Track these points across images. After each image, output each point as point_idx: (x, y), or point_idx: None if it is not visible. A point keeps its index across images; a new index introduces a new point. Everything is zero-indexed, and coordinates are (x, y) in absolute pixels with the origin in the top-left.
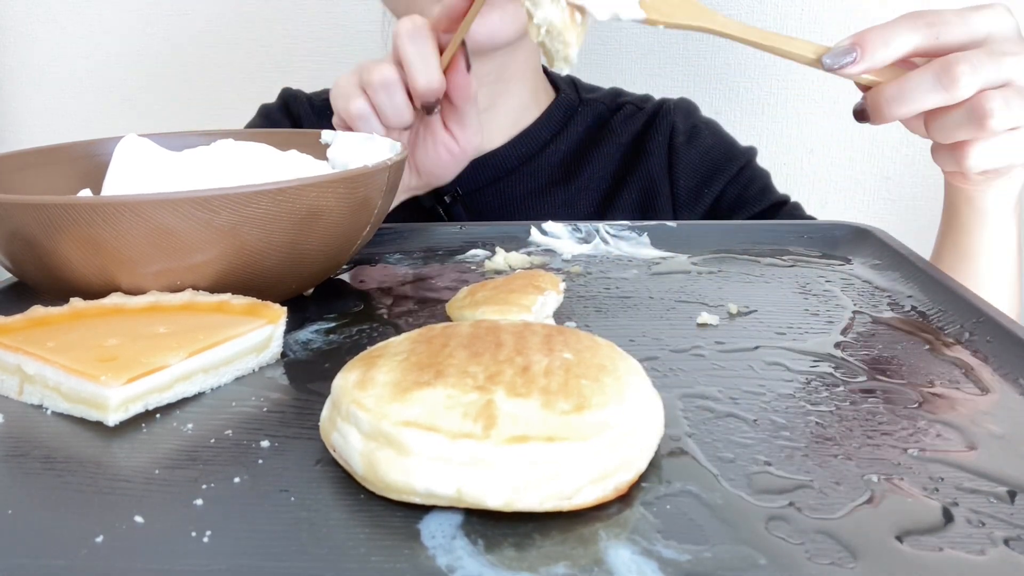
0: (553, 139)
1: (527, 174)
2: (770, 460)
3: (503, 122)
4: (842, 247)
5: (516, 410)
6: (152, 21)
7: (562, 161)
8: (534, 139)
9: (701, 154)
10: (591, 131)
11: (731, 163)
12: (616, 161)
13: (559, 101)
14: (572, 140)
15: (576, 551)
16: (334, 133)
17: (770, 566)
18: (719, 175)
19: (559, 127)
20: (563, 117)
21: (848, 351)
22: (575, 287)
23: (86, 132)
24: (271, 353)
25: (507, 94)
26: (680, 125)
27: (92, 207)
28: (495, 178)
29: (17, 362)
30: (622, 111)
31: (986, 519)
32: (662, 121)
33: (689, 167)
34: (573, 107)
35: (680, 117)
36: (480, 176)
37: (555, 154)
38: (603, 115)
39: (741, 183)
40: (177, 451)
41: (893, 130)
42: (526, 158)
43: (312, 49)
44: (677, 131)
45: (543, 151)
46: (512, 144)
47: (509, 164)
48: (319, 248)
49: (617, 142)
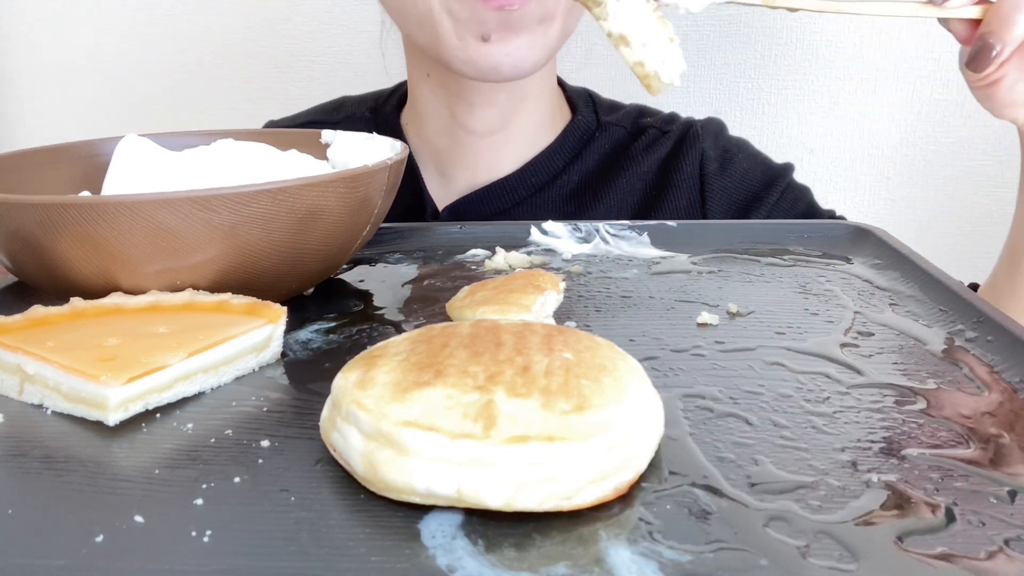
0: (566, 168)
1: (535, 205)
2: (770, 460)
3: (516, 145)
4: (842, 247)
5: (516, 410)
6: (152, 21)
7: (574, 192)
8: (545, 168)
9: (736, 182)
10: (608, 159)
11: (771, 189)
12: (639, 193)
13: (575, 124)
14: (587, 169)
15: (576, 551)
16: (334, 133)
17: (770, 566)
18: (759, 204)
19: (573, 154)
20: (578, 143)
21: (848, 351)
22: (575, 287)
23: (86, 132)
24: (271, 353)
25: (521, 114)
26: (710, 151)
27: (92, 207)
28: (500, 211)
29: (17, 362)
30: (644, 136)
31: (986, 519)
32: (690, 148)
33: (724, 198)
34: (590, 131)
35: (709, 141)
36: (484, 209)
37: (567, 184)
38: (622, 140)
39: (784, 208)
40: (177, 451)
41: (893, 130)
42: (535, 189)
43: (312, 50)
44: (708, 158)
45: (554, 181)
46: (521, 173)
47: (517, 195)
48: (319, 248)
49: (638, 172)
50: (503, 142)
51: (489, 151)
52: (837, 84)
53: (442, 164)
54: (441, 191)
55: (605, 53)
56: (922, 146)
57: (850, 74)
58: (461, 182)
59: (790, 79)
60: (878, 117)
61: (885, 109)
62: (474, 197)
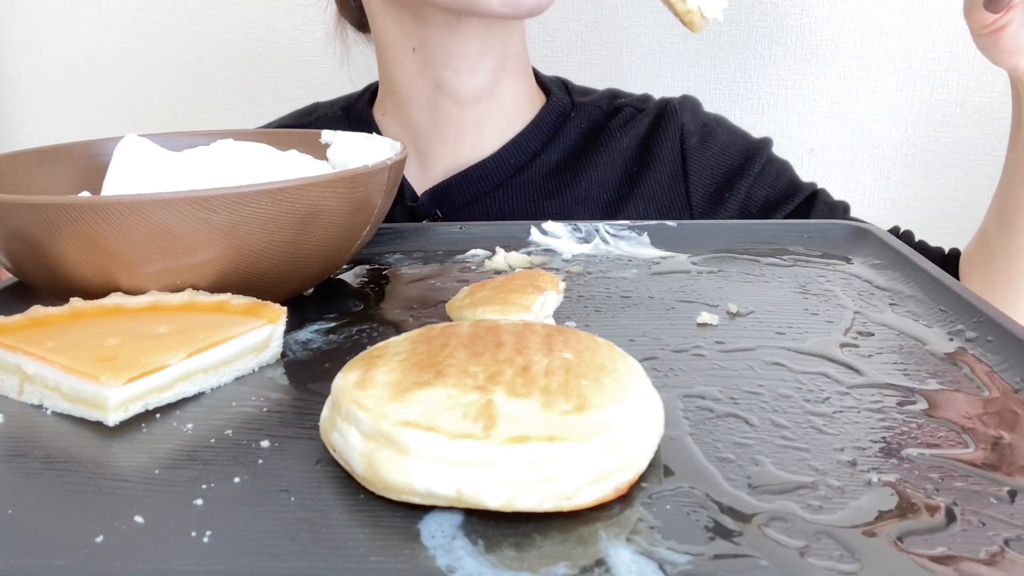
0: (544, 148)
1: (515, 187)
2: (770, 460)
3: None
4: (842, 247)
5: (516, 410)
6: (152, 21)
7: (553, 172)
8: (523, 149)
9: (717, 155)
10: (586, 137)
11: (752, 162)
12: (618, 170)
13: (550, 105)
14: (565, 148)
15: (576, 551)
16: (334, 133)
17: (770, 566)
18: (741, 177)
19: (550, 134)
20: (554, 123)
21: (848, 351)
22: (575, 287)
23: (86, 132)
24: (271, 353)
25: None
26: (690, 125)
27: (92, 207)
28: (480, 194)
29: (17, 362)
30: (621, 114)
31: (986, 519)
32: (669, 123)
33: (706, 171)
34: (565, 111)
35: (688, 116)
36: (464, 193)
37: (545, 164)
38: (599, 120)
39: (767, 182)
40: (177, 451)
41: (893, 130)
42: (514, 170)
43: (312, 50)
44: (688, 132)
45: (533, 162)
46: (500, 155)
47: (496, 178)
48: (319, 248)
49: (617, 148)
50: (486, 114)
51: (472, 125)
52: (837, 84)
53: (422, 145)
54: (420, 175)
55: (605, 54)
56: (922, 146)
57: (850, 74)
58: (440, 164)
59: (790, 79)
60: (878, 117)
61: (885, 109)
62: (454, 180)
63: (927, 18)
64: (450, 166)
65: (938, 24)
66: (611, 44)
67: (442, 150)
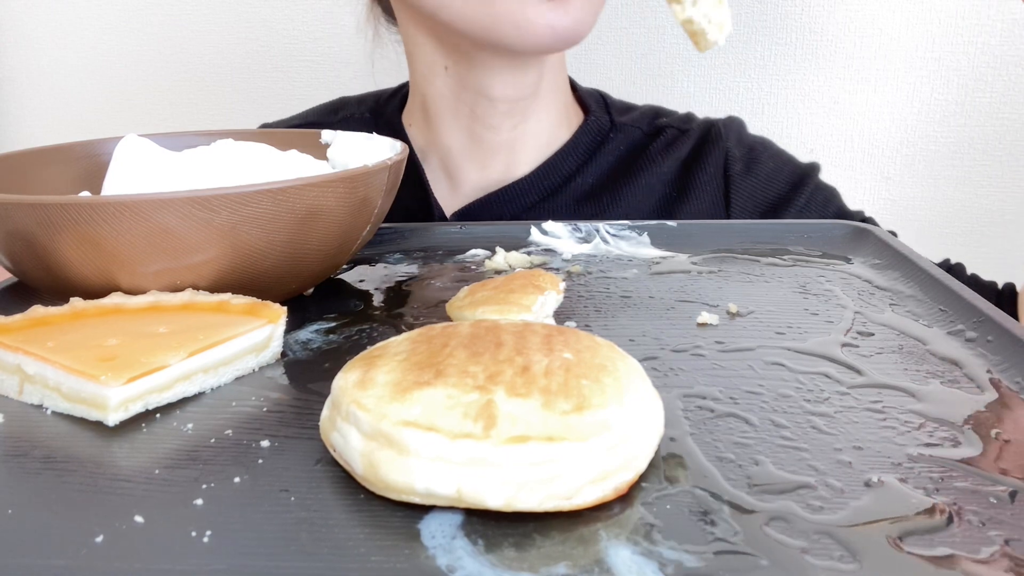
0: (579, 170)
1: (547, 210)
2: (770, 460)
3: (532, 143)
4: (842, 247)
5: (516, 410)
6: (152, 21)
7: (588, 195)
8: (558, 170)
9: (762, 183)
10: (625, 160)
11: (798, 191)
12: (656, 194)
13: (588, 125)
14: (602, 170)
15: (576, 551)
16: (334, 133)
17: (771, 566)
18: (786, 206)
19: (587, 156)
20: (592, 144)
21: (848, 351)
22: (575, 287)
23: (86, 132)
24: (271, 353)
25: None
26: (735, 151)
27: (92, 207)
28: (511, 216)
29: (17, 362)
30: (663, 136)
31: (986, 520)
32: (713, 147)
33: (748, 200)
34: (604, 132)
35: (733, 140)
36: (494, 215)
37: (580, 187)
38: (639, 141)
39: (813, 212)
40: (177, 451)
41: (893, 130)
42: (547, 192)
43: (312, 50)
44: (732, 159)
45: (567, 184)
46: (533, 177)
47: (528, 200)
48: (319, 248)
49: (657, 172)
50: (520, 133)
51: (505, 148)
52: (837, 84)
53: (452, 164)
54: (449, 195)
55: (606, 54)
56: (922, 146)
57: (850, 74)
58: (470, 184)
59: (790, 79)
60: (878, 117)
61: (885, 109)
62: (485, 201)
63: (927, 18)
64: (481, 186)
65: (938, 24)
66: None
67: (473, 169)
